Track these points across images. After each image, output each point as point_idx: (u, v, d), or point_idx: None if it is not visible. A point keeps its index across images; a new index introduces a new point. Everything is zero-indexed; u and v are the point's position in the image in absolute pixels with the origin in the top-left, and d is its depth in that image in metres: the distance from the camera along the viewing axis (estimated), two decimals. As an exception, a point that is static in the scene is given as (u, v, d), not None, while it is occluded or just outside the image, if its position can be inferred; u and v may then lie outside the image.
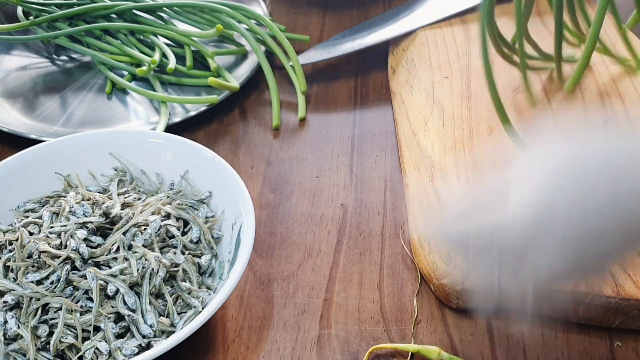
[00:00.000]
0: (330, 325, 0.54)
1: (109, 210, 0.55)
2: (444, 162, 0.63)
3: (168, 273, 0.52)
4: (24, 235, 0.52)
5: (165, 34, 0.80)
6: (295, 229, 0.62)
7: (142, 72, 0.75)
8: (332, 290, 0.57)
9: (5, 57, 0.85)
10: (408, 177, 0.64)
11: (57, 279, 0.50)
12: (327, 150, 0.70)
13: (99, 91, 0.79)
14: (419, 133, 0.67)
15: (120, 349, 0.48)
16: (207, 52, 0.78)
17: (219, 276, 0.54)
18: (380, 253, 0.60)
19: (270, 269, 0.59)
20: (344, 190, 0.66)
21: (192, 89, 0.78)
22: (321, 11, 0.91)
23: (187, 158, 0.60)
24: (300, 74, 0.77)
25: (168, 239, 0.55)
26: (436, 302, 0.56)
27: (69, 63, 0.84)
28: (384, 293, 0.57)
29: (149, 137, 0.62)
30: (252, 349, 0.53)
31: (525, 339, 0.53)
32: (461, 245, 0.46)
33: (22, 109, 0.77)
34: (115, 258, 0.52)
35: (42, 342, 0.49)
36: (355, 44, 0.80)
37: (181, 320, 0.50)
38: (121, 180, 0.60)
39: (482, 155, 0.59)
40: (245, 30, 0.80)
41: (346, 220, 0.63)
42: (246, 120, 0.75)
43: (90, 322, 0.49)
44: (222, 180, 0.58)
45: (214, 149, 0.62)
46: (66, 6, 0.83)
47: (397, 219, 0.63)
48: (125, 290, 0.50)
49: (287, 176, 0.68)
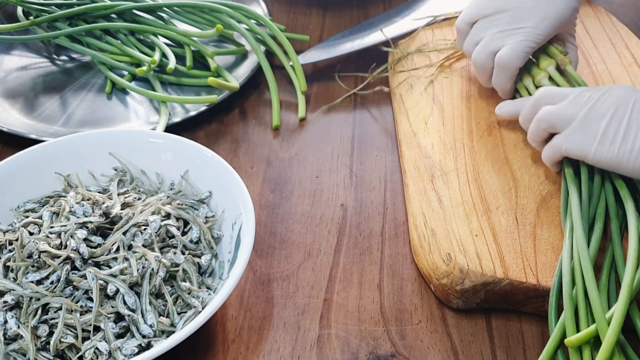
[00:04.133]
0: (330, 325, 0.54)
1: (109, 210, 0.55)
2: (444, 162, 0.63)
3: (168, 273, 0.52)
4: (24, 235, 0.52)
5: (165, 34, 0.80)
6: (295, 229, 0.62)
7: (142, 72, 0.75)
8: (332, 290, 0.57)
9: (5, 57, 0.85)
10: (408, 177, 0.64)
11: (57, 279, 0.50)
12: (327, 150, 0.70)
13: (99, 91, 0.79)
14: (419, 133, 0.67)
15: (120, 349, 0.48)
16: (207, 52, 0.78)
17: (219, 276, 0.54)
18: (380, 253, 0.60)
19: (270, 269, 0.59)
20: (344, 190, 0.66)
21: (192, 89, 0.78)
22: (321, 11, 0.91)
23: (187, 158, 0.60)
24: (300, 74, 0.77)
25: (168, 239, 0.55)
26: (436, 302, 0.56)
27: (69, 63, 0.84)
28: (384, 293, 0.57)
29: (149, 137, 0.62)
30: (252, 349, 0.53)
31: (525, 339, 0.53)
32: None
33: (22, 109, 0.77)
34: (115, 258, 0.52)
35: (42, 342, 0.49)
36: (355, 44, 0.79)
37: (181, 320, 0.50)
38: (121, 180, 0.60)
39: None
40: (245, 30, 0.80)
41: (346, 220, 0.63)
42: (246, 120, 0.75)
43: (90, 322, 0.49)
44: (222, 180, 0.58)
45: (214, 149, 0.62)
46: (66, 6, 0.83)
47: (397, 219, 0.63)
48: (125, 290, 0.50)
49: (287, 176, 0.68)
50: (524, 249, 0.54)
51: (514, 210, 0.57)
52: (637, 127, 0.51)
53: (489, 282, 0.52)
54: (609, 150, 0.52)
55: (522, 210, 0.57)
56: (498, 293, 0.53)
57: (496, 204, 0.58)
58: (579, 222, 0.52)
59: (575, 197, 0.54)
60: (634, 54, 0.73)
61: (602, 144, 0.52)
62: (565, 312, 0.47)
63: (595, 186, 0.55)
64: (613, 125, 0.52)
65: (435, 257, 0.55)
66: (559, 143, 0.55)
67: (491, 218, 0.56)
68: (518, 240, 0.55)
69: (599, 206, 0.54)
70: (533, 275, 0.52)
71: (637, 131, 0.51)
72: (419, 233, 0.58)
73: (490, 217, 0.56)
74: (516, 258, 0.53)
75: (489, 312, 0.55)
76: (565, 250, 0.51)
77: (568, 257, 0.50)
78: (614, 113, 0.52)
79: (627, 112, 0.52)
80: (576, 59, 0.66)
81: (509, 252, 0.54)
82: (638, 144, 0.51)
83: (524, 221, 0.56)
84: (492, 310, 0.55)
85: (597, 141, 0.52)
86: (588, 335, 0.44)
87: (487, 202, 0.58)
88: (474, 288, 0.53)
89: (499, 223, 0.56)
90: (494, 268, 0.52)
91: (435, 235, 0.56)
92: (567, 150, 0.54)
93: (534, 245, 0.54)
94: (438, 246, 0.55)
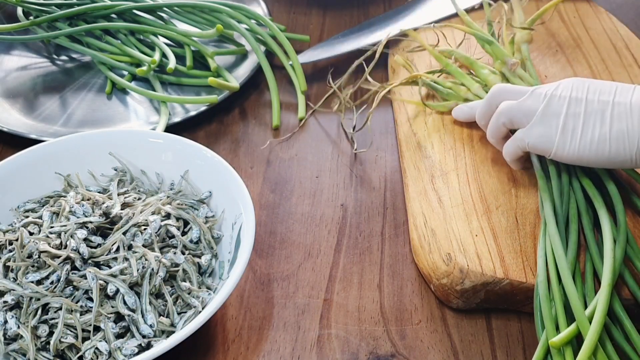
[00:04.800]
0: (330, 325, 0.54)
1: (109, 210, 0.55)
2: (444, 162, 0.63)
3: (168, 273, 0.52)
4: (24, 235, 0.52)
5: (165, 34, 0.80)
6: (295, 229, 0.62)
7: (142, 72, 0.75)
8: (332, 290, 0.57)
9: (5, 57, 0.85)
10: (408, 177, 0.64)
11: (57, 279, 0.50)
12: (327, 150, 0.70)
13: (99, 91, 0.79)
14: (419, 133, 0.67)
15: (120, 349, 0.48)
16: (207, 52, 0.78)
17: (219, 276, 0.54)
18: (380, 253, 0.60)
19: (270, 269, 0.59)
20: (344, 190, 0.66)
21: (192, 89, 0.78)
22: (321, 11, 0.91)
23: (187, 158, 0.60)
24: (300, 73, 0.77)
25: (168, 239, 0.55)
26: (436, 302, 0.56)
27: (69, 63, 0.84)
28: (384, 293, 0.57)
29: (149, 137, 0.62)
30: (252, 349, 0.53)
31: (525, 339, 0.53)
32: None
33: (22, 109, 0.77)
34: (115, 258, 0.52)
35: (42, 342, 0.49)
36: (355, 44, 0.80)
37: (181, 320, 0.50)
38: (121, 180, 0.60)
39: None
40: (245, 30, 0.80)
41: (346, 220, 0.63)
42: (246, 120, 0.75)
43: (90, 322, 0.49)
44: (222, 180, 0.58)
45: (214, 149, 0.62)
46: (66, 6, 0.83)
47: (397, 219, 0.63)
48: (125, 290, 0.50)
49: (287, 176, 0.68)
50: (524, 249, 0.54)
51: (514, 210, 0.57)
52: (594, 119, 0.52)
53: (489, 282, 0.52)
54: (571, 144, 0.52)
55: (522, 210, 0.57)
56: (498, 293, 0.53)
57: (496, 204, 0.58)
58: (552, 221, 0.53)
59: (548, 198, 0.55)
60: (634, 54, 0.73)
61: (563, 138, 0.53)
62: (545, 313, 0.48)
63: (564, 184, 0.56)
64: (570, 120, 0.53)
65: (435, 257, 0.55)
66: (521, 137, 0.55)
67: (491, 218, 0.56)
68: (518, 240, 0.55)
69: (571, 206, 0.55)
70: (533, 275, 0.52)
71: (595, 123, 0.52)
72: (419, 233, 0.58)
73: (490, 217, 0.57)
74: (516, 258, 0.53)
75: (489, 312, 0.55)
76: (540, 249, 0.52)
77: (542, 256, 0.51)
78: (568, 107, 0.53)
79: (582, 104, 0.52)
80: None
81: (509, 252, 0.54)
82: (597, 134, 0.52)
83: (524, 221, 0.56)
84: (492, 310, 0.55)
85: (557, 136, 0.53)
86: (570, 334, 0.45)
87: (487, 202, 0.58)
88: (474, 288, 0.53)
89: (499, 223, 0.56)
90: (494, 268, 0.52)
91: (435, 235, 0.56)
92: (529, 145, 0.55)
93: (534, 245, 0.54)
94: (438, 246, 0.55)
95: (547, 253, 0.51)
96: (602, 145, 0.51)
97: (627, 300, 0.50)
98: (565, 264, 0.49)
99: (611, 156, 0.52)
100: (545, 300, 0.48)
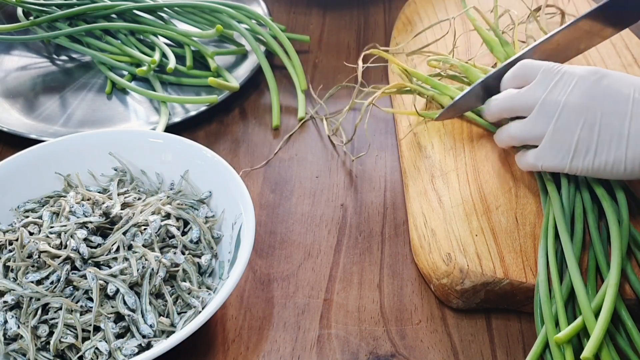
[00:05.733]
0: (330, 325, 0.54)
1: (109, 210, 0.55)
2: (444, 162, 0.63)
3: (168, 273, 0.52)
4: (24, 235, 0.52)
5: (165, 34, 0.80)
6: (295, 229, 0.62)
7: (142, 72, 0.75)
8: (332, 290, 0.57)
9: (5, 57, 0.85)
10: (408, 177, 0.64)
11: (57, 279, 0.50)
12: (327, 150, 0.70)
13: (99, 91, 0.79)
14: (419, 133, 0.67)
15: (120, 349, 0.48)
16: (207, 52, 0.78)
17: (219, 276, 0.54)
18: (380, 253, 0.60)
19: (270, 269, 0.59)
20: (344, 190, 0.66)
21: (192, 89, 0.78)
22: (321, 11, 0.91)
23: (187, 158, 0.60)
24: (301, 72, 0.77)
25: (168, 239, 0.55)
26: (436, 302, 0.56)
27: (69, 63, 0.84)
28: (384, 293, 0.57)
29: (149, 137, 0.62)
30: (252, 349, 0.53)
31: (525, 339, 0.53)
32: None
33: (22, 109, 0.77)
34: (115, 258, 0.52)
35: (42, 342, 0.49)
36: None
37: (181, 320, 0.50)
38: (121, 180, 0.60)
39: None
40: (246, 30, 0.80)
41: (346, 220, 0.63)
42: (246, 120, 0.75)
43: (90, 322, 0.49)
44: (222, 180, 0.58)
45: (214, 149, 0.62)
46: (66, 6, 0.83)
47: (397, 219, 0.63)
48: (125, 290, 0.50)
49: (287, 176, 0.68)
50: (524, 249, 0.54)
51: (514, 210, 0.57)
52: (609, 142, 0.51)
53: (489, 282, 0.52)
54: (584, 163, 0.52)
55: (522, 210, 0.57)
56: (498, 293, 0.53)
57: (496, 204, 0.58)
58: (561, 218, 0.53)
59: (555, 196, 0.54)
60: (634, 54, 0.73)
61: (576, 159, 0.52)
62: (545, 312, 0.48)
63: (571, 183, 0.56)
64: (583, 144, 0.52)
65: (435, 257, 0.55)
66: (534, 161, 0.55)
67: (491, 218, 0.56)
68: (518, 240, 0.55)
69: (576, 205, 0.55)
70: (533, 275, 0.52)
71: (610, 145, 0.51)
72: (419, 233, 0.58)
73: (490, 217, 0.56)
74: (516, 258, 0.53)
75: (489, 312, 0.55)
76: (541, 249, 0.52)
77: (544, 255, 0.51)
78: (582, 128, 0.51)
79: (595, 125, 0.51)
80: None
81: (509, 252, 0.54)
82: (612, 158, 0.51)
83: (524, 221, 0.56)
84: (492, 310, 0.55)
85: (570, 156, 0.52)
86: (575, 329, 0.45)
87: (487, 202, 0.58)
88: (474, 288, 0.53)
89: (499, 223, 0.56)
90: (494, 268, 0.52)
91: (435, 235, 0.56)
92: (543, 167, 0.54)
93: (534, 245, 0.54)
94: (438, 246, 0.55)
95: (549, 252, 0.51)
96: (617, 165, 0.51)
97: (628, 300, 0.50)
98: (574, 261, 0.49)
99: (626, 174, 0.51)
100: (546, 300, 0.48)
